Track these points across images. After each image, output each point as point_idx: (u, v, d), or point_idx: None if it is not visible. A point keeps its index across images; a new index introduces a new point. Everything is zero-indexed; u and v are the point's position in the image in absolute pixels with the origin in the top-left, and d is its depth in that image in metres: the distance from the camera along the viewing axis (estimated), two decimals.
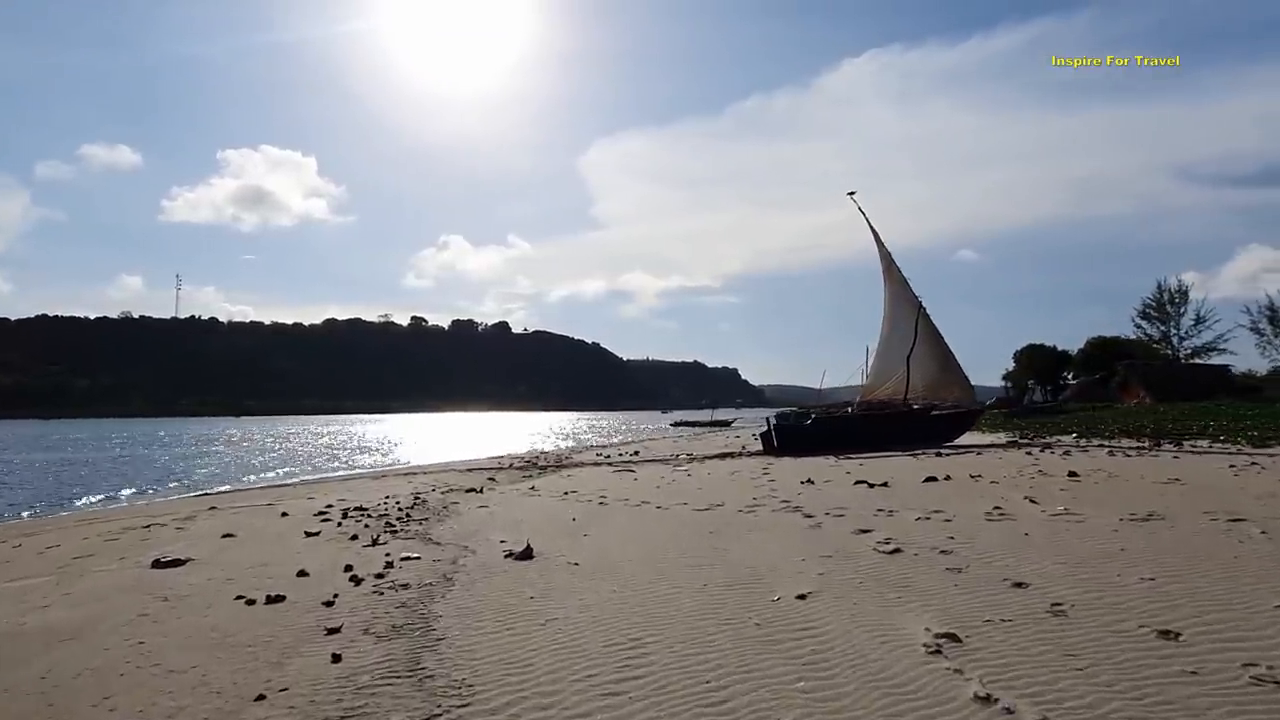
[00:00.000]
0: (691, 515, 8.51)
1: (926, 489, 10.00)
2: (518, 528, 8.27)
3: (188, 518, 11.17)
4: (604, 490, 11.57)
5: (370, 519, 9.62)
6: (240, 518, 10.79)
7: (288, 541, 8.17)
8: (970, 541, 6.12)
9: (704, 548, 6.52)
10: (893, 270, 21.10)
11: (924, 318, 19.78)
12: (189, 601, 5.57)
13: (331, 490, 14.69)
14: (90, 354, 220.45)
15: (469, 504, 10.75)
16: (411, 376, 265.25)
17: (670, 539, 7.06)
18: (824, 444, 17.78)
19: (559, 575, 5.76)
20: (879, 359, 21.10)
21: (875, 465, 14.00)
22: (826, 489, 10.43)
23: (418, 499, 11.68)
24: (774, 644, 3.94)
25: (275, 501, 12.58)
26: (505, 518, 9.11)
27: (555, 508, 9.79)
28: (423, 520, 9.22)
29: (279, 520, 10.11)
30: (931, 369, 19.16)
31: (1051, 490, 9.23)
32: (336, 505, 11.27)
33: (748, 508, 8.77)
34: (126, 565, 7.27)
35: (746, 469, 14.51)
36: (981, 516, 7.35)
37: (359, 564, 6.57)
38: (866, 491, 9.88)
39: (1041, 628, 3.94)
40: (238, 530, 9.25)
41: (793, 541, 6.59)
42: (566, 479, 14.25)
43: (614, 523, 8.26)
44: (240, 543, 8.28)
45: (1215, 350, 49.18)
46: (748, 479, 12.37)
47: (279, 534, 8.76)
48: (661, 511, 8.91)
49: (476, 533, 8.08)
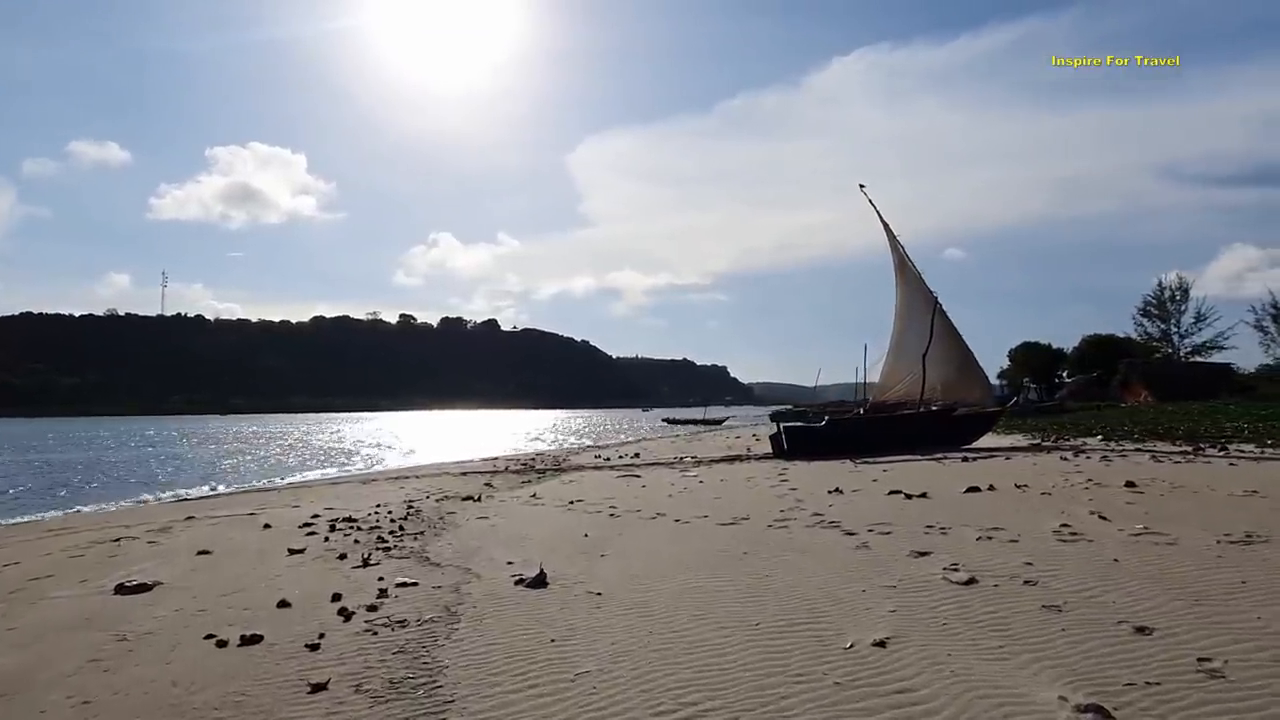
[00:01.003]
0: (716, 531, 7.71)
1: (972, 501, 9.17)
2: (524, 545, 7.48)
3: (162, 529, 10.32)
4: (612, 499, 10.77)
5: (360, 532, 8.81)
6: (219, 529, 9.96)
7: (269, 561, 7.36)
8: (1054, 569, 5.32)
9: (742, 573, 5.74)
10: (906, 266, 20.23)
11: (940, 315, 19.00)
12: (151, 641, 4.76)
13: (318, 496, 13.86)
14: (76, 352, 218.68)
15: (467, 514, 9.95)
16: (400, 375, 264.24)
17: (699, 561, 6.27)
18: (838, 447, 17.03)
19: (581, 609, 4.98)
20: (892, 358, 20.27)
21: (901, 471, 13.20)
22: (858, 499, 9.63)
23: (411, 508, 10.87)
24: (868, 715, 3.18)
25: (257, 510, 11.74)
26: (509, 532, 8.31)
27: (562, 520, 8.99)
28: (417, 534, 8.41)
29: (260, 533, 9.29)
30: (948, 368, 18.35)
31: (1116, 504, 8.37)
32: (323, 515, 10.45)
33: (777, 522, 7.97)
34: (87, 590, 6.44)
35: (761, 474, 13.71)
36: (1050, 535, 6.55)
37: (348, 591, 5.77)
38: (904, 503, 9.06)
39: (1203, 694, 3.16)
40: (215, 545, 8.43)
41: (843, 566, 5.82)
42: (569, 485, 13.45)
43: (631, 540, 7.47)
44: (216, 561, 7.47)
45: (1216, 348, 48.65)
46: (766, 487, 11.59)
47: (260, 551, 7.95)
48: (681, 526, 8.11)
49: (478, 550, 7.28)
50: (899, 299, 20.64)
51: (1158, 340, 51.05)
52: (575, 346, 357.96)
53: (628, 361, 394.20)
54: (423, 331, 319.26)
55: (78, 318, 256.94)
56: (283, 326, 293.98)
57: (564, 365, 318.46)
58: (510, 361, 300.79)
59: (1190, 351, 49.21)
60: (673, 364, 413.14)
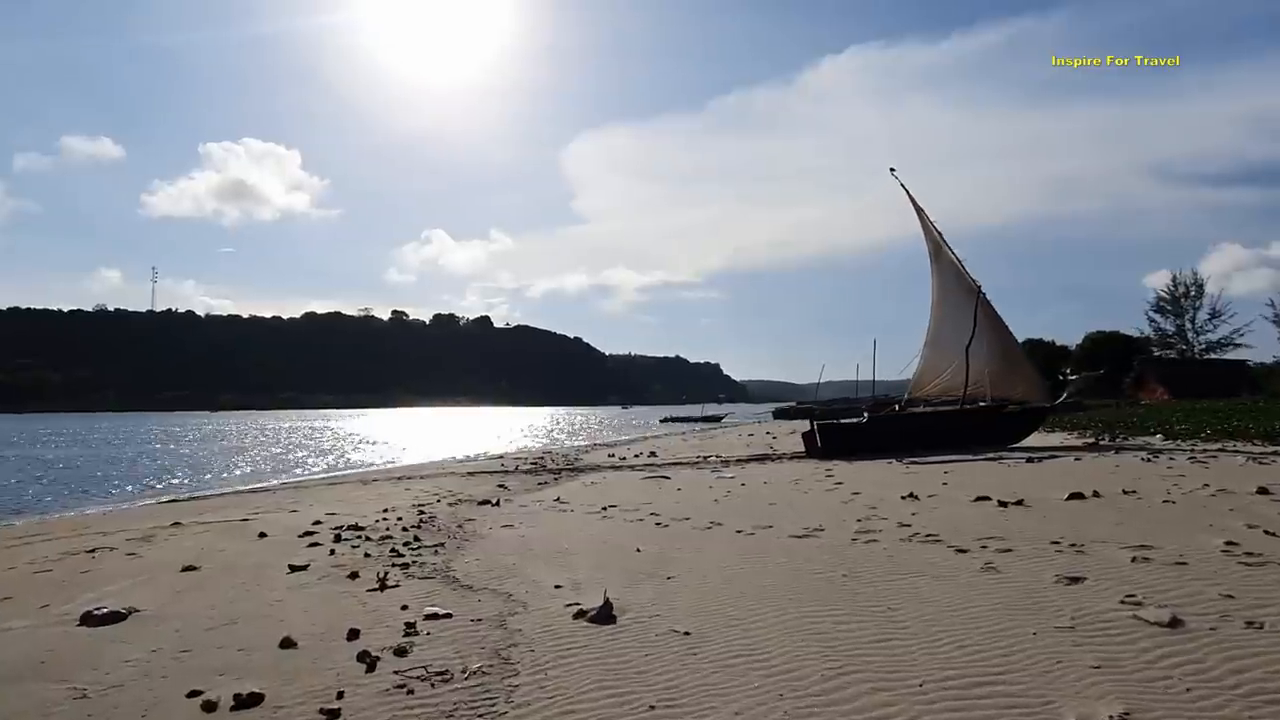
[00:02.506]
0: (793, 546, 6.57)
1: (1084, 510, 7.84)
2: (567, 562, 6.38)
3: (145, 537, 9.19)
4: (650, 504, 9.64)
5: (370, 543, 7.71)
6: (208, 538, 8.83)
7: (266, 580, 6.25)
8: (1266, 603, 4.21)
9: (858, 605, 4.63)
10: (943, 253, 19.09)
11: (984, 304, 17.87)
12: (117, 700, 3.68)
13: (317, 499, 12.73)
14: (65, 348, 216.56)
15: (488, 521, 8.84)
16: (392, 371, 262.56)
17: (794, 586, 5.16)
18: (879, 445, 15.92)
19: (670, 656, 3.88)
20: (929, 351, 19.06)
21: (965, 473, 11.96)
22: (942, 507, 8.43)
23: (423, 514, 9.76)
24: None
25: (251, 515, 10.61)
26: (543, 545, 7.20)
27: (602, 531, 7.87)
28: (437, 547, 7.31)
29: (255, 543, 8.18)
30: (994, 361, 17.21)
31: (1269, 515, 7.11)
32: (326, 522, 9.33)
33: (861, 534, 6.84)
34: (47, 619, 5.34)
35: (806, 476, 12.55)
36: (1220, 555, 5.34)
37: (367, 625, 4.68)
38: (1002, 512, 7.85)
39: None
40: (203, 559, 7.31)
41: (981, 595, 4.70)
42: (593, 488, 12.33)
43: (695, 556, 6.35)
44: (204, 580, 6.35)
45: (1231, 345, 47.59)
46: (821, 490, 10.45)
47: (256, 566, 6.83)
48: (746, 539, 6.98)
49: (515, 569, 6.17)
50: (934, 289, 19.43)
51: (1171, 336, 50.06)
52: (568, 344, 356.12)
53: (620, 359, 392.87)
54: (415, 328, 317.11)
55: (67, 313, 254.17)
56: (274, 322, 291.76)
57: (557, 362, 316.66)
58: (503, 358, 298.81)
59: (1204, 348, 48.35)
60: (665, 361, 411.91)
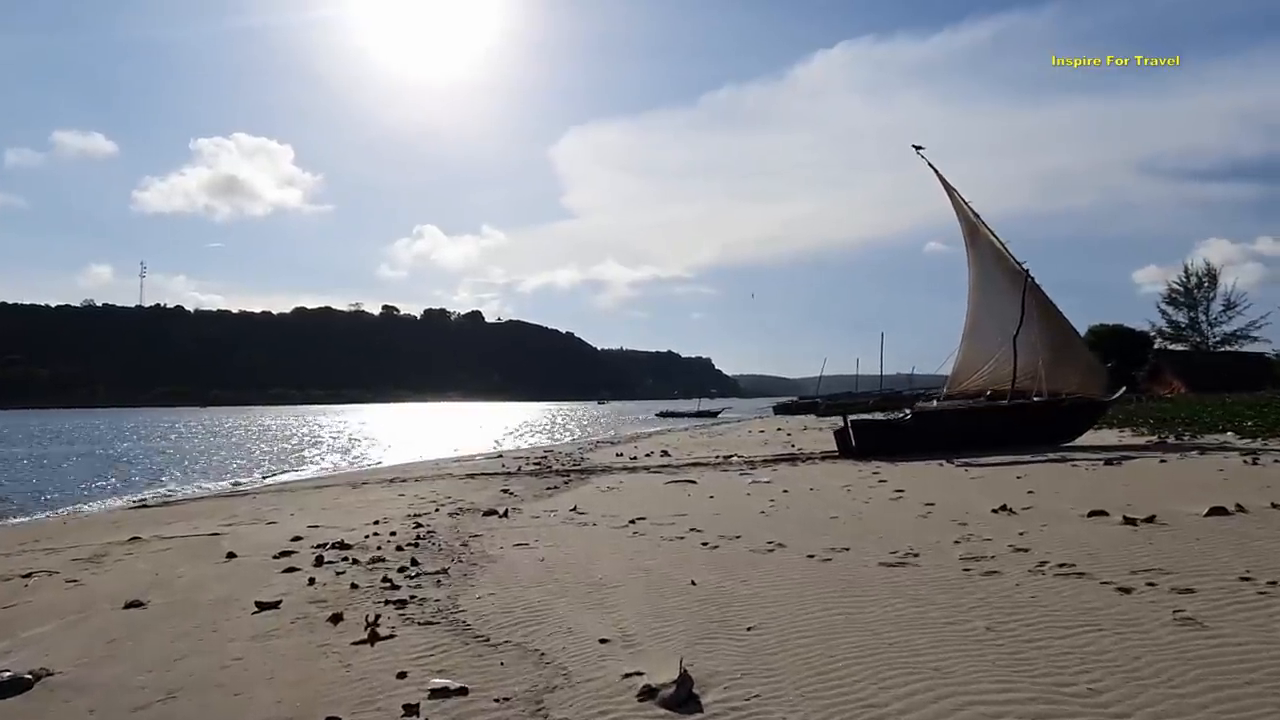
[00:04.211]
0: (891, 578, 5.13)
1: (1240, 529, 6.11)
2: (606, 598, 5.06)
3: (94, 556, 7.86)
4: (684, 516, 8.30)
5: (357, 567, 6.41)
6: (168, 558, 7.51)
7: (226, 624, 4.94)
8: None
9: (1030, 678, 3.32)
10: (980, 235, 17.63)
11: (1033, 288, 16.47)
12: None
13: (300, 505, 11.40)
14: (52, 343, 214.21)
15: (497, 539, 7.53)
16: (383, 366, 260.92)
17: (922, 643, 3.83)
18: (925, 445, 14.61)
19: None
20: (968, 342, 17.65)
21: (1045, 478, 10.45)
22: (1052, 523, 6.80)
23: (420, 527, 8.45)
24: None
25: (223, 528, 9.28)
26: (571, 571, 5.87)
27: (638, 551, 6.53)
28: (439, 574, 6.00)
29: (221, 566, 6.86)
30: (1044, 351, 15.78)
31: None
32: (306, 537, 8.02)
33: (969, 561, 5.45)
34: None
35: (854, 481, 11.09)
36: None
37: (351, 708, 3.41)
38: (1134, 532, 6.23)
39: None
40: (154, 589, 6.00)
41: (1208, 665, 3.39)
42: (610, 494, 11.00)
43: (768, 592, 4.99)
44: (148, 624, 5.04)
45: (1247, 337, 46.26)
46: (883, 500, 9.00)
47: (216, 603, 5.51)
48: (824, 566, 5.61)
49: (541, 610, 4.86)
50: (971, 275, 18.01)
51: (1185, 329, 48.76)
52: (560, 339, 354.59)
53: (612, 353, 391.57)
54: (406, 323, 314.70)
55: (53, 308, 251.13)
56: (264, 317, 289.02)
57: (548, 357, 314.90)
58: (494, 353, 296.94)
59: (1219, 341, 47.09)
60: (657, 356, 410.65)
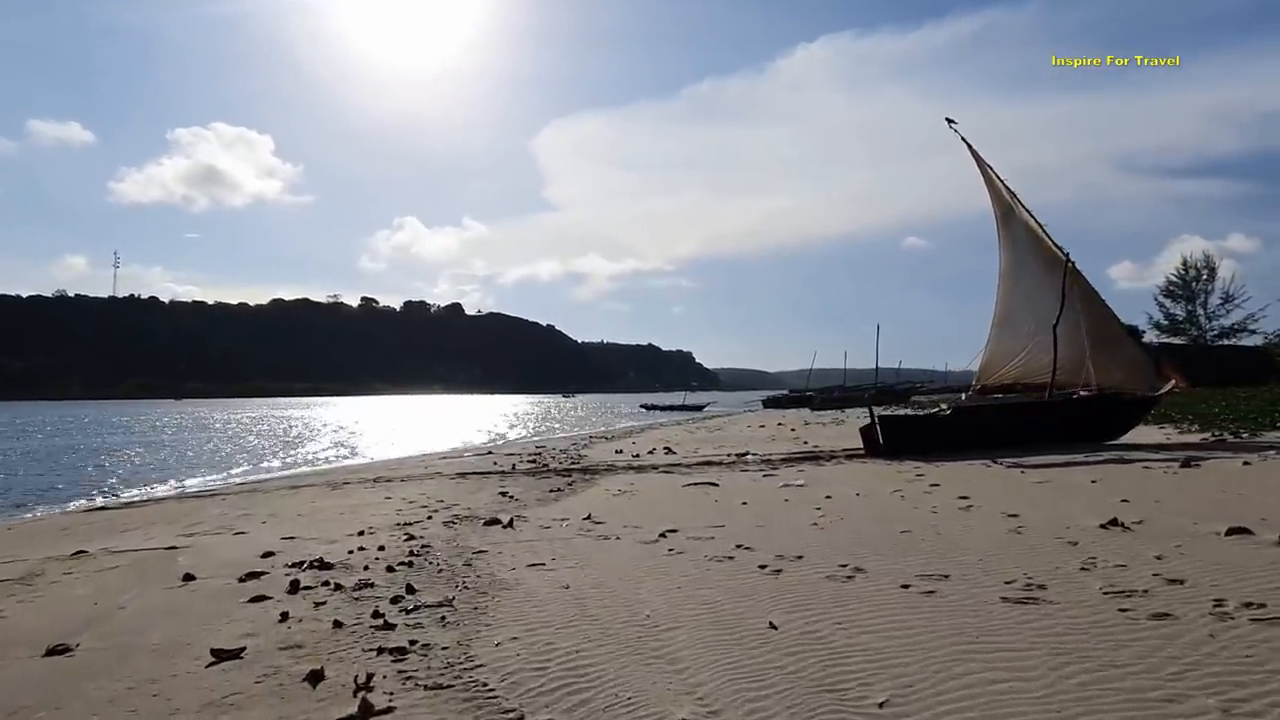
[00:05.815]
0: (1019, 618, 4.03)
1: None
2: (666, 650, 3.90)
3: (25, 576, 6.59)
4: (722, 527, 7.14)
5: (340, 594, 5.24)
6: (112, 579, 6.28)
7: (170, 683, 3.75)
8: None
9: None
10: (1014, 217, 16.46)
11: (1074, 275, 15.35)
12: None
13: (275, 511, 10.16)
14: (24, 334, 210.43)
15: (505, 555, 6.38)
16: (362, 359, 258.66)
17: None
18: (963, 442, 13.56)
19: None
20: (999, 332, 16.55)
21: (1120, 482, 9.30)
22: (1188, 544, 5.55)
23: (412, 539, 7.28)
24: None
25: (183, 539, 8.03)
26: (608, 606, 4.71)
27: (684, 578, 5.34)
28: (442, 606, 4.83)
29: (175, 592, 5.66)
30: (1085, 342, 14.74)
31: None
32: (280, 553, 6.83)
33: (1114, 593, 4.31)
34: None
35: (902, 484, 9.90)
36: None
37: None
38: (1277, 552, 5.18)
39: None
40: (88, 625, 4.80)
41: None
42: (623, 499, 9.82)
43: (874, 641, 3.87)
44: (67, 680, 3.85)
45: (1246, 331, 45.78)
46: (951, 510, 7.76)
47: (160, 649, 4.31)
48: (929, 601, 4.47)
49: (585, 667, 3.70)
50: (1003, 261, 16.98)
51: (1182, 322, 48.19)
52: (540, 331, 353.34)
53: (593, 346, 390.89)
54: (385, 315, 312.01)
55: (25, 299, 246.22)
56: (240, 309, 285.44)
57: (529, 350, 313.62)
58: (475, 346, 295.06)
59: (1218, 334, 46.61)
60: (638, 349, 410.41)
